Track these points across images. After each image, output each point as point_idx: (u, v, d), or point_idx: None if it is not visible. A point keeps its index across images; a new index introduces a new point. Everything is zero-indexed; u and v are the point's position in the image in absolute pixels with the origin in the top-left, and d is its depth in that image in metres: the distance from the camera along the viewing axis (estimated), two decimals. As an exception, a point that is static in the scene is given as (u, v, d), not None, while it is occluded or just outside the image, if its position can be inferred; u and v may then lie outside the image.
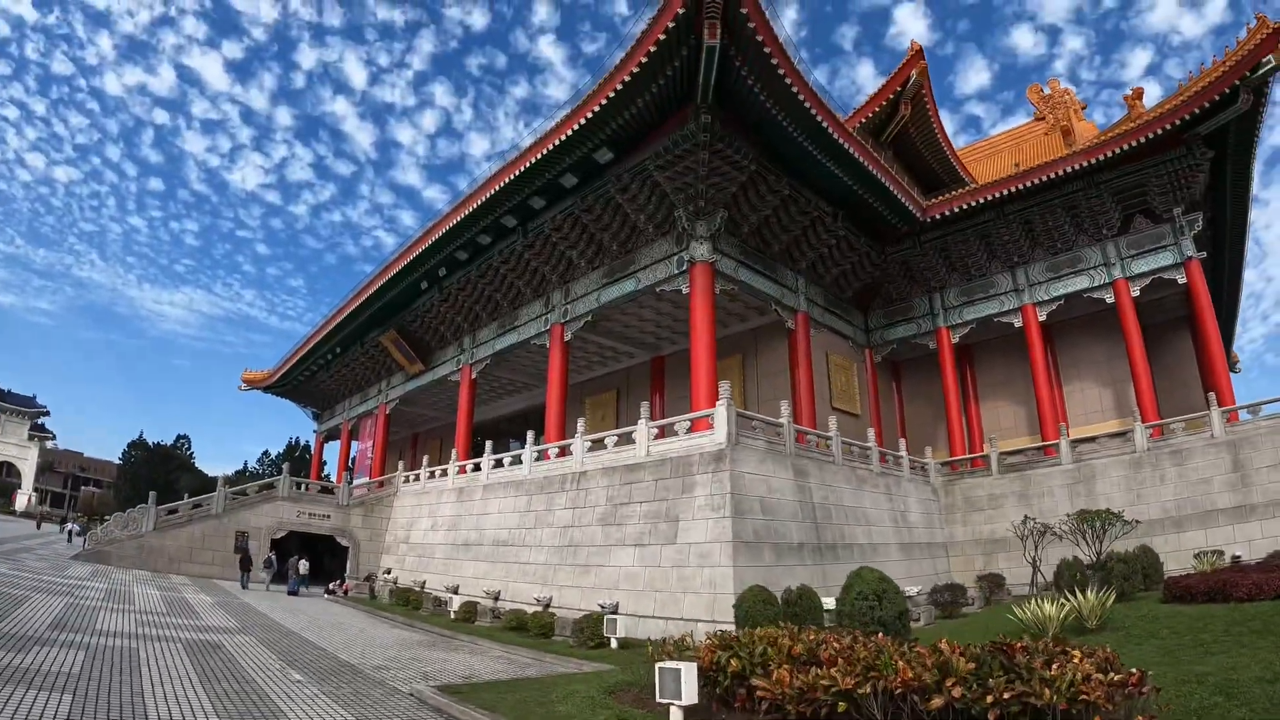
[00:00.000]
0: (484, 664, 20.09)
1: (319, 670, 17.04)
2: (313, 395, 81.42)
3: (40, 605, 21.47)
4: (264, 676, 15.41)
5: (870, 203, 37.65)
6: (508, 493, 36.34)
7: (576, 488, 31.47)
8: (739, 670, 11.72)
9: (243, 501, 46.63)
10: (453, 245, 44.62)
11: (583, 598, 27.81)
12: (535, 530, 32.74)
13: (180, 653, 17.09)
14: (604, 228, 38.62)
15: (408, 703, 14.11)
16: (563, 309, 42.26)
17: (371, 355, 63.18)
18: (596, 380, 53.15)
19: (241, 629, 23.21)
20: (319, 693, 14.27)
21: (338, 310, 59.38)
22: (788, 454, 28.19)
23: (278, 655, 18.68)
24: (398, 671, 17.71)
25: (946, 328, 42.73)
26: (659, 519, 26.49)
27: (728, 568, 23.15)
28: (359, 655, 20.21)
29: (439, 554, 40.42)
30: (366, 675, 16.86)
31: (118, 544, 42.52)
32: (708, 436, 26.75)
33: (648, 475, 28.15)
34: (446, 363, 54.23)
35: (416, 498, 47.08)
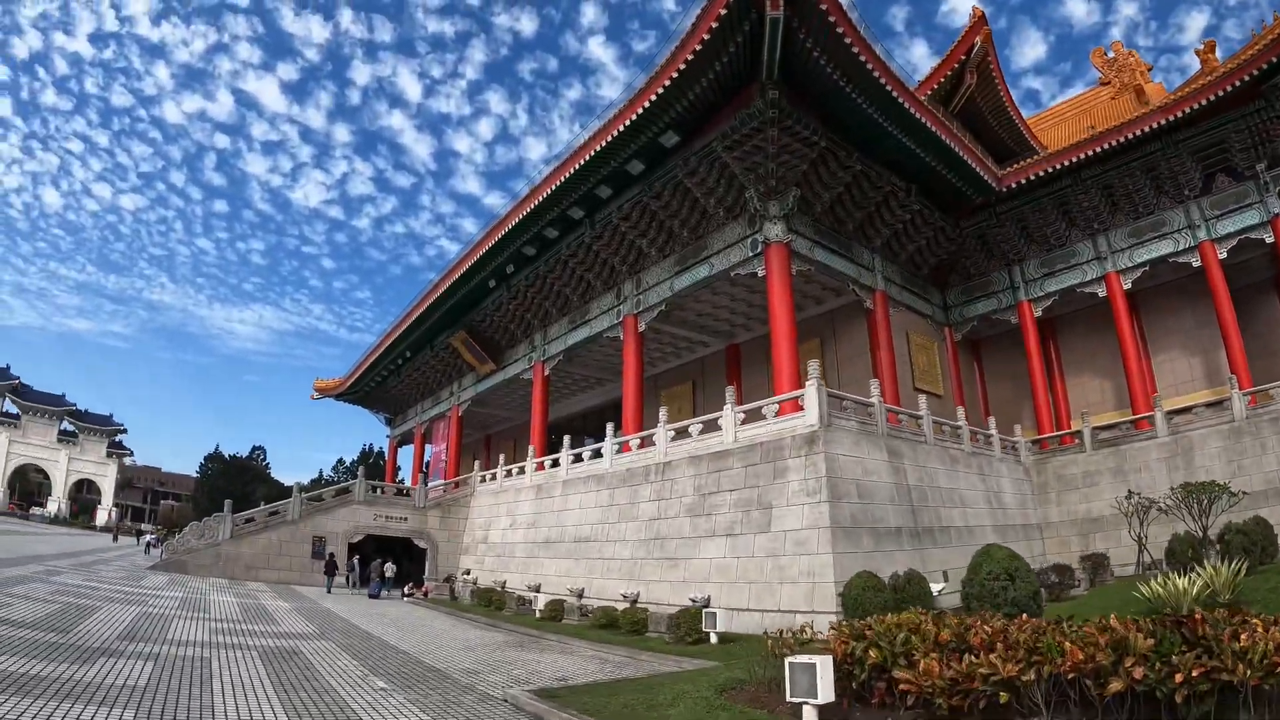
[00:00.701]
0: (577, 665, 19.18)
1: (404, 676, 16.17)
2: (385, 401, 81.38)
3: (110, 615, 20.85)
4: (345, 684, 14.61)
5: (944, 175, 36.38)
6: (588, 487, 35.69)
7: (661, 479, 30.75)
8: (879, 662, 10.70)
9: (319, 507, 46.61)
10: (520, 240, 44.03)
11: (672, 592, 27.09)
12: (619, 524, 32.07)
13: (255, 661, 16.30)
14: (673, 214, 37.82)
15: (502, 710, 13.18)
16: (634, 299, 41.55)
17: (442, 358, 62.92)
18: (671, 372, 52.48)
19: (320, 634, 22.61)
20: (405, 701, 13.39)
21: (406, 314, 59.25)
22: (880, 434, 27.25)
23: (359, 661, 17.91)
24: (487, 675, 16.80)
25: (1028, 301, 41.11)
26: (750, 507, 25.63)
27: (826, 555, 22.28)
28: (445, 659, 19.35)
29: (519, 553, 39.91)
30: (455, 680, 15.99)
31: (194, 553, 42.86)
32: (798, 419, 25.86)
33: (736, 462, 27.32)
34: (518, 361, 53.74)
35: (494, 497, 46.60)
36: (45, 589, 25.02)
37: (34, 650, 13.95)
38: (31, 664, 12.70)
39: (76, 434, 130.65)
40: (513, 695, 13.97)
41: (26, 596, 22.12)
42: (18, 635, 15.21)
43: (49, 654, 13.82)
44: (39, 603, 21.17)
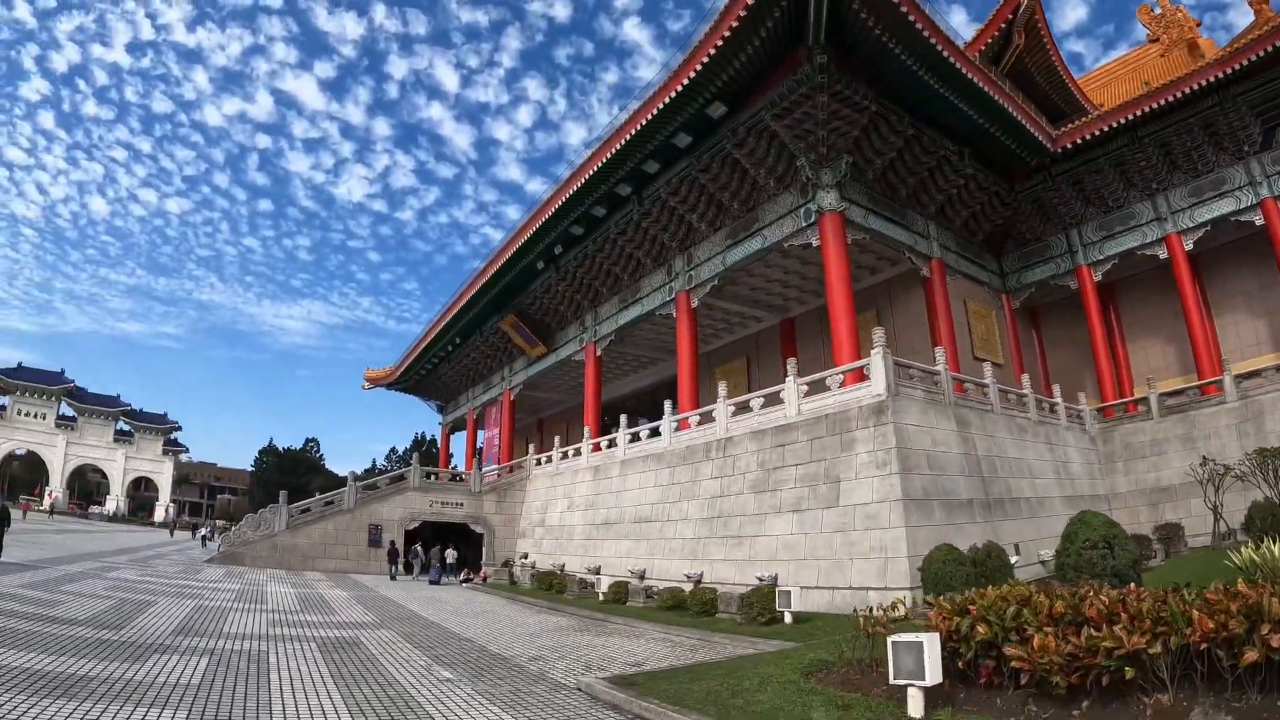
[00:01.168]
0: (647, 649, 18.64)
1: (469, 665, 15.53)
2: (436, 388, 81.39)
3: (165, 610, 20.48)
4: (408, 676, 14.00)
5: (997, 137, 35.25)
6: (647, 466, 35.23)
7: (723, 455, 30.15)
8: (988, 638, 9.92)
9: (374, 495, 46.87)
10: (567, 220, 43.54)
11: (737, 571, 26.58)
12: (680, 503, 31.55)
13: (314, 653, 15.83)
14: (722, 186, 37.18)
15: (577, 700, 12.56)
16: (686, 275, 40.92)
17: (492, 342, 62.65)
18: (724, 349, 51.72)
19: (380, 623, 22.19)
20: (473, 693, 12.73)
21: (455, 300, 59.04)
22: (948, 403, 26.50)
23: (421, 650, 17.31)
24: (556, 662, 16.25)
25: (1087, 265, 39.97)
26: (817, 481, 24.97)
27: (899, 529, 21.61)
28: (510, 646, 18.79)
29: (577, 535, 39.61)
30: (522, 668, 15.41)
31: (251, 545, 43.10)
32: (864, 389, 25.17)
33: (801, 435, 26.63)
34: (569, 343, 53.36)
35: (550, 479, 46.32)
36: (100, 585, 24.82)
37: (84, 648, 13.56)
38: (80, 663, 12.26)
39: (132, 433, 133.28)
40: (587, 684, 13.35)
41: (80, 593, 21.88)
42: (68, 634, 14.84)
43: (99, 652, 13.41)
44: (92, 599, 20.90)
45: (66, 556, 35.08)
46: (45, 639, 13.92)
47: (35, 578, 24.30)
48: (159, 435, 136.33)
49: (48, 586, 22.43)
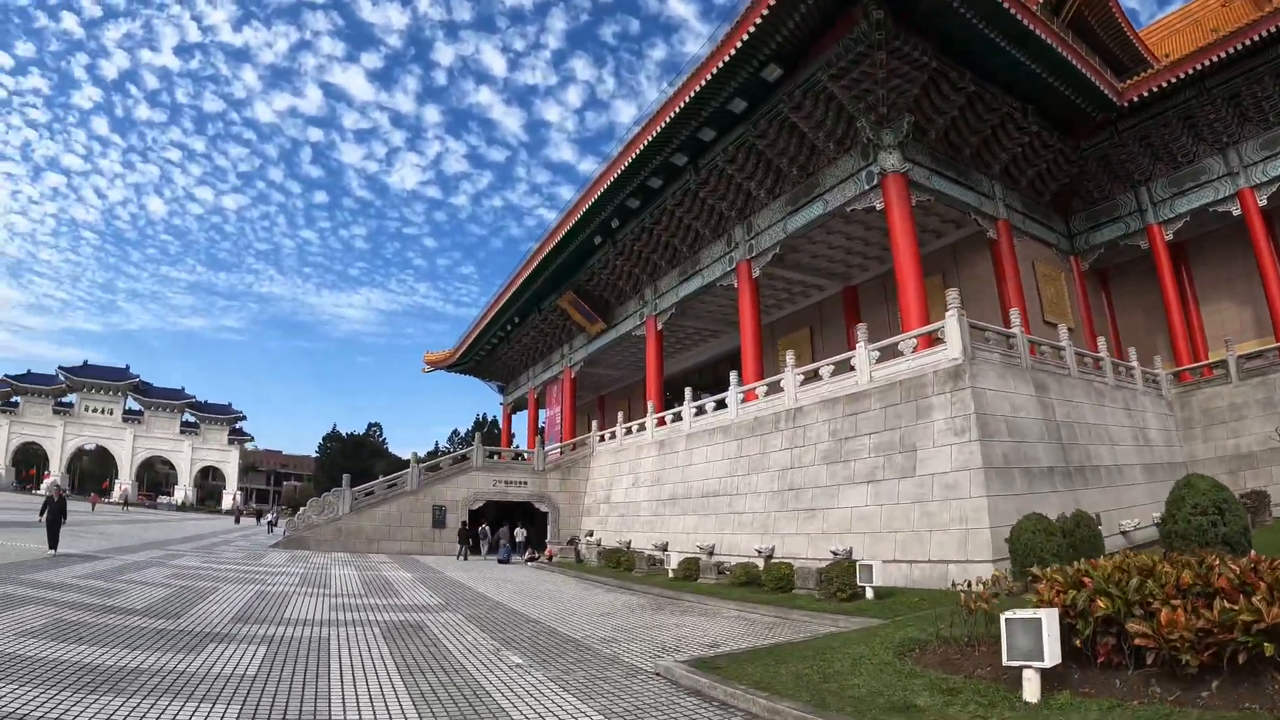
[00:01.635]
0: (724, 628, 17.92)
1: (539, 649, 14.79)
2: (495, 369, 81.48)
3: (226, 597, 20.18)
4: (476, 662, 13.24)
5: (1060, 91, 33.96)
6: (714, 440, 34.51)
7: (792, 426, 29.36)
8: (1108, 613, 9.01)
9: (437, 476, 47.12)
10: (622, 193, 42.95)
11: (809, 545, 25.86)
12: (748, 476, 30.82)
13: (377, 639, 15.25)
14: (780, 152, 36.27)
15: (656, 685, 11.71)
16: (747, 245, 40.11)
17: (551, 320, 62.29)
18: (786, 319, 50.82)
19: (445, 605, 21.68)
20: (545, 679, 12.00)
21: (512, 279, 58.70)
22: (1025, 367, 25.49)
23: (489, 634, 16.64)
24: (629, 644, 15.54)
25: (1157, 224, 38.41)
26: (892, 450, 24.13)
27: (980, 498, 20.73)
28: (580, 626, 18.16)
29: (643, 511, 39.14)
30: (595, 651, 14.70)
31: (315, 529, 43.52)
32: (939, 353, 24.24)
33: (874, 403, 25.76)
34: (629, 318, 52.77)
35: (614, 456, 45.96)
36: (163, 573, 24.62)
37: (139, 639, 13.08)
38: (133, 655, 11.73)
39: (198, 425, 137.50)
40: (666, 668, 12.56)
41: (142, 582, 21.66)
42: (124, 624, 14.43)
43: (155, 642, 12.90)
44: (153, 587, 20.64)
45: (131, 546, 35.18)
46: (99, 630, 13.55)
47: (96, 568, 24.14)
48: (224, 425, 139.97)
49: (108, 576, 22.23)
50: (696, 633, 17.17)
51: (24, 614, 14.36)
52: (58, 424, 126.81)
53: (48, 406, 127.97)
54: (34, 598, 16.47)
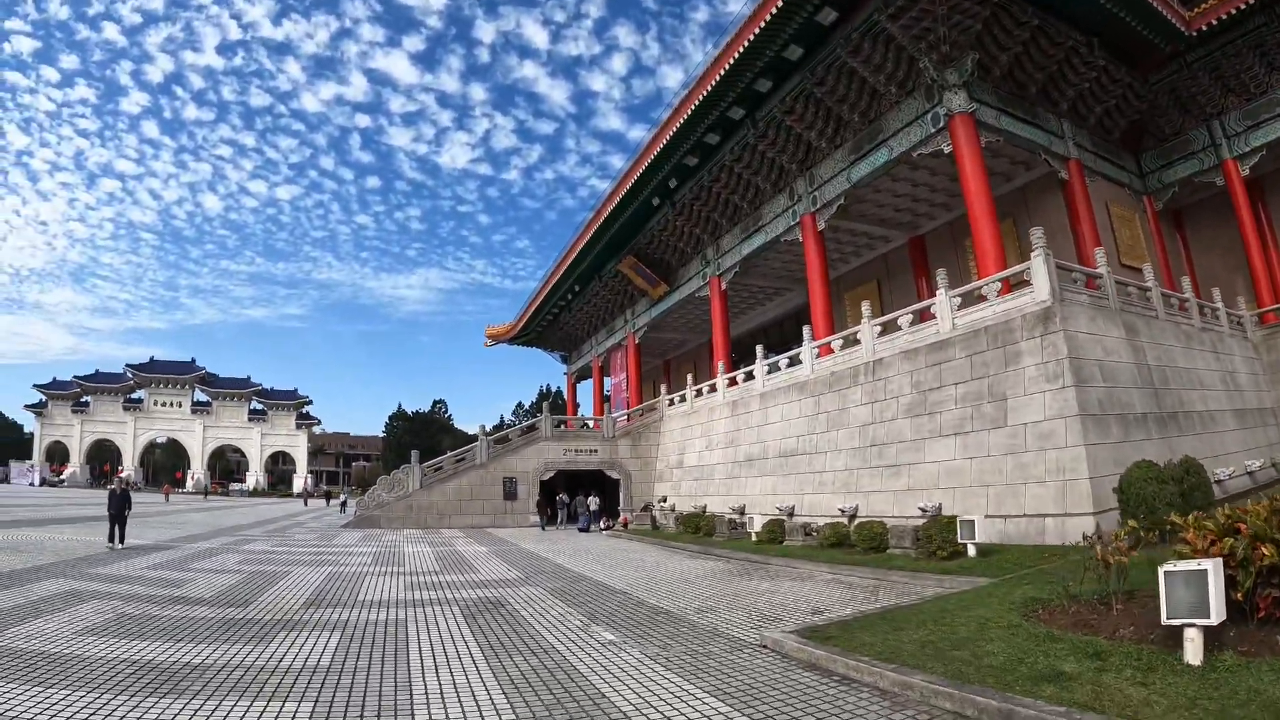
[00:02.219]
0: (822, 593, 17.06)
1: (631, 623, 13.94)
2: (558, 338, 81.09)
3: (298, 580, 19.69)
4: (565, 641, 12.40)
5: (1126, 22, 32.11)
6: (789, 397, 33.71)
7: (872, 379, 28.42)
8: (1273, 562, 8.11)
9: (506, 448, 47.13)
10: (679, 151, 41.90)
11: (895, 502, 25.06)
12: (828, 434, 30.00)
13: (457, 619, 14.43)
14: (840, 99, 35.11)
15: (765, 660, 10.77)
16: (810, 197, 38.92)
17: (612, 286, 61.49)
18: (852, 273, 49.48)
19: (525, 579, 20.93)
20: (643, 657, 11.10)
21: (570, 246, 58.09)
22: (1114, 309, 24.21)
23: (575, 608, 15.85)
24: (726, 614, 14.71)
25: (1232, 159, 36.36)
26: (980, 400, 23.15)
27: (1077, 447, 19.74)
28: (669, 596, 17.33)
29: (718, 474, 38.52)
30: (691, 623, 13.85)
31: (385, 506, 43.81)
32: (1026, 296, 23.13)
33: (959, 352, 24.70)
34: (691, 279, 51.73)
35: (685, 419, 45.35)
36: (232, 559, 24.36)
37: (205, 631, 12.52)
38: (197, 650, 11.08)
39: (265, 411, 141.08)
40: (774, 640, 11.53)
41: (211, 569, 21.36)
42: (190, 615, 13.90)
43: (221, 634, 12.29)
44: (222, 575, 20.27)
45: (203, 534, 35.24)
46: (163, 624, 12.99)
47: (166, 558, 23.92)
48: (291, 411, 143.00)
49: (177, 565, 21.98)
50: (794, 599, 16.40)
51: (85, 610, 13.90)
52: (128, 420, 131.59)
53: (118, 404, 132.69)
54: (99, 592, 16.08)
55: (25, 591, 15.69)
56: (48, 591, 15.87)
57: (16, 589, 15.97)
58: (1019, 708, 7.33)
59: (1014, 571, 15.79)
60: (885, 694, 8.83)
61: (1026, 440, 21.28)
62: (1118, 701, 7.35)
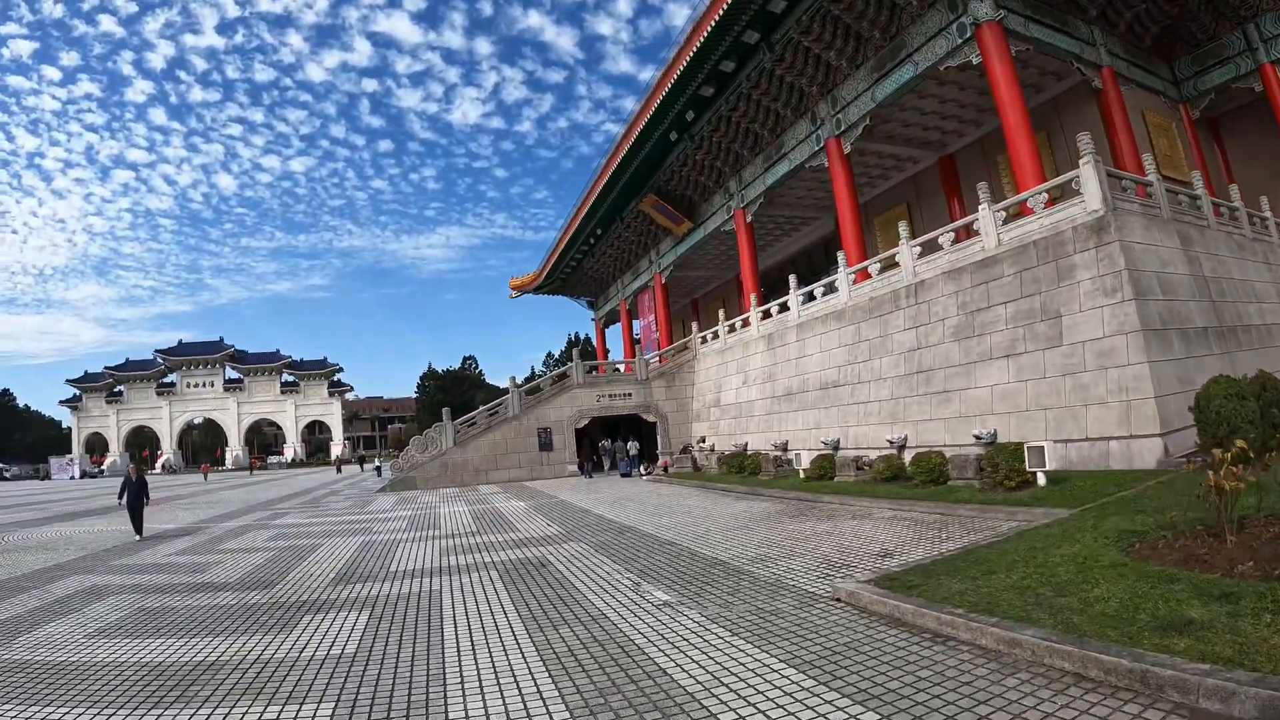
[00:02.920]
0: (886, 533, 15.83)
1: (685, 579, 12.87)
2: (583, 284, 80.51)
3: (328, 553, 18.93)
4: (616, 605, 11.33)
5: None
6: (827, 327, 32.63)
7: (915, 302, 27.20)
8: None
9: (539, 398, 46.67)
10: (694, 82, 40.29)
11: (945, 431, 24.08)
12: (870, 362, 28.94)
13: (495, 584, 13.55)
14: (859, 15, 33.55)
15: (842, 616, 9.64)
16: (834, 121, 37.45)
17: (634, 227, 60.39)
18: (880, 198, 47.87)
19: (566, 535, 19.94)
20: (704, 620, 9.98)
21: (589, 190, 56.76)
22: (1166, 219, 22.90)
23: (623, 565, 14.78)
24: (787, 562, 13.51)
25: (1269, 63, 34.67)
26: (1033, 319, 21.95)
27: (1140, 365, 18.62)
28: (723, 546, 16.04)
29: (757, 410, 37.67)
30: (751, 575, 12.65)
31: (420, 467, 43.48)
32: (1076, 206, 21.71)
33: (1006, 268, 23.41)
34: (715, 214, 50.58)
35: (719, 356, 44.37)
36: (262, 536, 23.60)
37: (225, 620, 11.70)
38: (214, 644, 10.21)
39: (297, 382, 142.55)
40: (849, 592, 10.26)
41: (238, 549, 20.65)
42: (211, 603, 13.07)
43: (242, 623, 11.46)
44: (249, 554, 19.49)
45: (235, 511, 34.82)
46: (182, 616, 12.18)
47: (193, 541, 23.17)
48: (322, 379, 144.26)
49: (204, 549, 21.16)
50: (857, 541, 15.22)
51: (102, 609, 13.07)
52: (163, 404, 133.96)
53: (150, 389, 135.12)
54: (119, 586, 15.37)
55: (44, 593, 15.00)
56: (66, 590, 15.19)
57: (36, 590, 15.33)
58: (1155, 667, 6.20)
59: (1092, 501, 14.63)
60: (989, 654, 7.67)
61: (1085, 359, 20.16)
62: (1269, 654, 6.21)
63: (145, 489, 24.64)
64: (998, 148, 34.80)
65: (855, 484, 23.57)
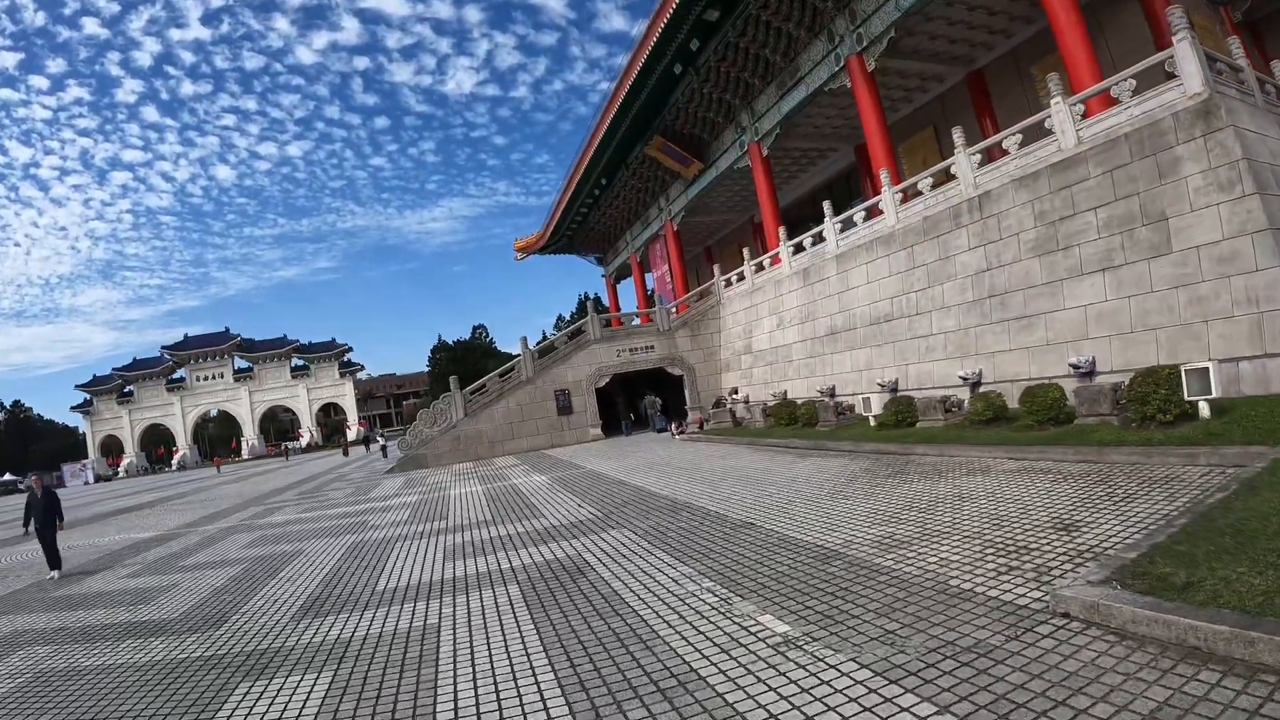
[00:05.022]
0: (1033, 492, 11.92)
1: (792, 586, 8.76)
2: (590, 240, 77.97)
3: (306, 564, 15.41)
4: (703, 646, 7.17)
5: None
6: (873, 254, 29.44)
7: (979, 217, 23.92)
8: None
9: (553, 357, 44.06)
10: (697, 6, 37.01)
11: (1030, 361, 21.26)
12: (929, 290, 25.89)
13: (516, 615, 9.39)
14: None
15: (1089, 644, 5.85)
16: (854, 35, 34.17)
17: (641, 174, 57.21)
18: (903, 122, 43.75)
19: (605, 518, 16.11)
20: (870, 674, 5.90)
21: (590, 137, 53.49)
22: (1260, 107, 19.50)
23: (692, 564, 10.62)
24: (928, 548, 9.42)
25: None
26: (1132, 224, 18.66)
27: (1273, 269, 15.56)
28: (823, 526, 11.79)
29: (795, 354, 34.87)
30: (892, 574, 8.55)
31: (430, 443, 41.28)
32: (1171, 91, 18.48)
33: (1092, 168, 20.00)
34: (727, 151, 47.44)
35: (747, 299, 41.25)
36: (238, 545, 20.27)
37: (133, 695, 8.28)
38: None
39: (308, 366, 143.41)
40: (1087, 603, 6.37)
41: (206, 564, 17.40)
42: (131, 660, 9.67)
43: (153, 700, 7.98)
44: (217, 570, 16.26)
45: (226, 509, 32.36)
46: (82, 689, 8.82)
47: (156, 555, 20.23)
48: (333, 361, 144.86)
49: (161, 567, 18.00)
50: (1006, 507, 11.19)
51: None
52: (174, 400, 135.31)
53: (160, 386, 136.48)
54: (32, 634, 12.20)
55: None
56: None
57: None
58: None
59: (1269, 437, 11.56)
60: None
61: (1201, 267, 17.07)
62: None
63: (56, 507, 19.91)
64: (1032, 57, 32.65)
65: (946, 429, 20.41)
